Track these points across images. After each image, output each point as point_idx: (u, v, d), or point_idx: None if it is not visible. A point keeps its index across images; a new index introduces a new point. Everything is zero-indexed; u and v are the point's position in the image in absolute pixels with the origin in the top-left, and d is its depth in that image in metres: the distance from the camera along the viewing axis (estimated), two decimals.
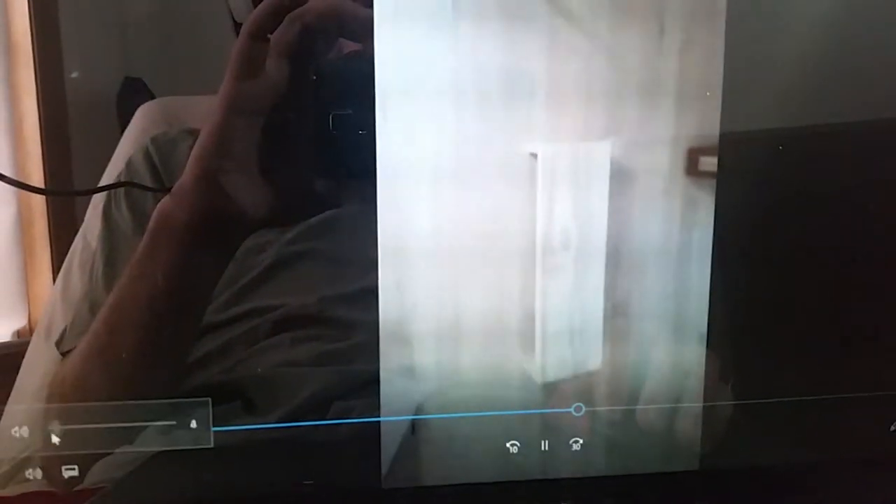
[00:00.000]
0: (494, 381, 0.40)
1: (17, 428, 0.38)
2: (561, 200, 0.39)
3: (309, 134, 0.38)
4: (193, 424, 0.39)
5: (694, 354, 0.41)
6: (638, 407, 0.41)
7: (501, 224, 0.39)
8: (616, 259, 0.40)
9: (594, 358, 0.41)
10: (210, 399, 0.39)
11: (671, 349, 0.41)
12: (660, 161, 0.39)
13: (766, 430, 0.42)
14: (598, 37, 0.38)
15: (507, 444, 0.41)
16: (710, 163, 0.40)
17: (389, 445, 0.40)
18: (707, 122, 0.39)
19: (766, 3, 0.40)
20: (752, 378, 0.42)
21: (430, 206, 0.38)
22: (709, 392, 0.42)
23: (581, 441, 0.41)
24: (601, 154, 0.39)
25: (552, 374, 0.41)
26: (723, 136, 0.39)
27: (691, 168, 0.40)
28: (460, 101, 0.37)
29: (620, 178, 0.39)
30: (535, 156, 0.38)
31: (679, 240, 0.40)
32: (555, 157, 0.39)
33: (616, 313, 0.40)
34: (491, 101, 0.38)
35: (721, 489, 0.43)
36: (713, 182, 0.40)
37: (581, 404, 0.41)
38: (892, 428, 0.43)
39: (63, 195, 0.39)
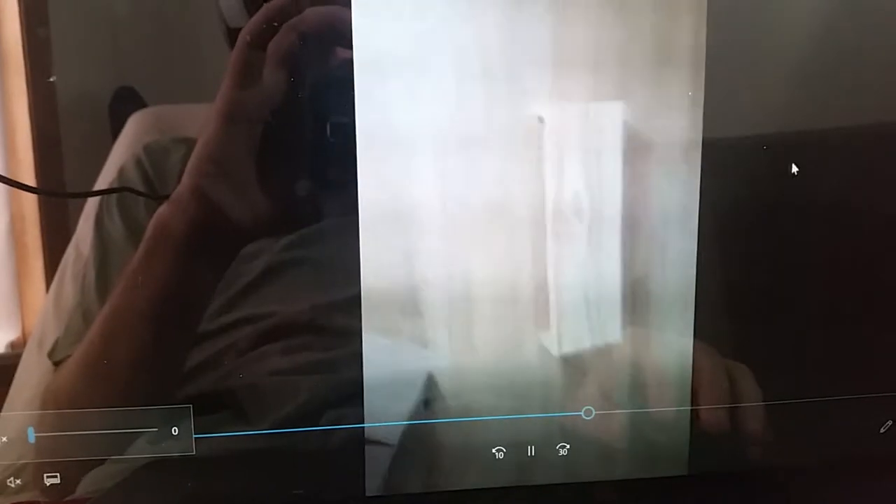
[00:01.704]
0: (509, 355, 0.40)
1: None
2: (570, 166, 0.39)
3: (306, 142, 0.38)
4: (175, 432, 0.39)
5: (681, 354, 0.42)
6: (650, 410, 0.42)
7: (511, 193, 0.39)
8: (633, 228, 0.40)
9: (612, 330, 0.41)
10: (192, 406, 0.39)
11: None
12: (675, 125, 0.39)
13: (756, 434, 0.43)
14: None
15: (493, 450, 0.41)
16: None
17: (374, 453, 0.40)
18: None
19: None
20: (742, 381, 0.43)
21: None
22: (697, 395, 0.42)
23: (568, 446, 0.42)
24: (613, 116, 0.39)
25: (568, 346, 0.41)
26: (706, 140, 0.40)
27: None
28: (463, 70, 0.38)
29: (635, 142, 0.39)
30: (542, 119, 0.38)
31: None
32: (563, 119, 0.39)
33: (636, 284, 0.41)
34: (494, 68, 0.38)
35: (710, 493, 0.43)
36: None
37: (591, 407, 0.41)
38: (883, 430, 0.43)
39: (57, 196, 0.39)
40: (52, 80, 0.37)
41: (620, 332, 0.41)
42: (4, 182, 0.38)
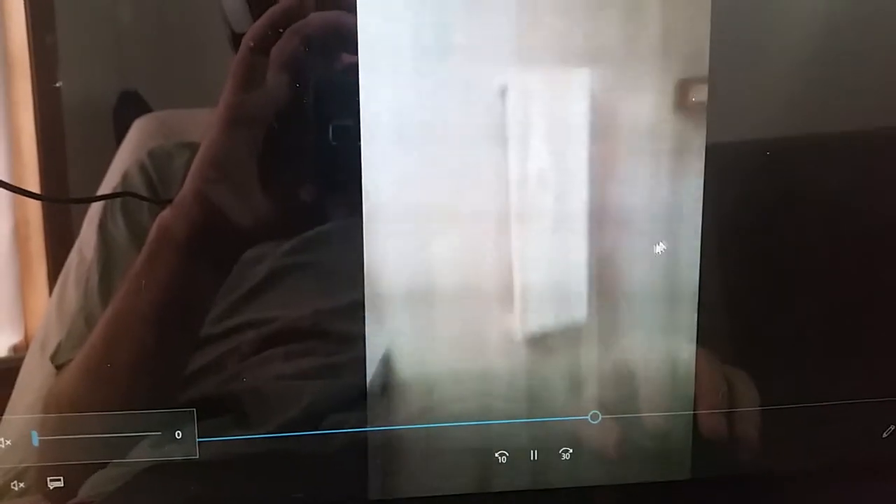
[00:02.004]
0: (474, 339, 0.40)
1: (3, 440, 0.38)
2: (535, 139, 0.39)
3: (309, 146, 0.38)
4: (179, 436, 0.39)
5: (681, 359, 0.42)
6: (654, 414, 0.41)
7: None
8: (600, 206, 0.40)
9: (579, 310, 0.40)
10: (195, 410, 0.39)
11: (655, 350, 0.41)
12: (644, 94, 0.39)
13: (758, 438, 0.43)
14: None
15: (496, 454, 0.41)
16: (702, 91, 0.39)
17: (376, 457, 0.40)
18: (696, 48, 0.39)
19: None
20: (742, 385, 0.43)
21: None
22: (698, 399, 0.42)
23: (571, 451, 0.42)
24: (578, 84, 0.38)
25: (532, 328, 0.40)
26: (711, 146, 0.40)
27: (681, 100, 0.39)
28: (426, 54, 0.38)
29: (601, 114, 0.39)
30: (504, 90, 0.38)
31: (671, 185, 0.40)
32: (526, 89, 0.38)
33: (602, 265, 0.40)
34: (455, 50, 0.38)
35: (712, 498, 0.43)
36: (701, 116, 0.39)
37: (597, 412, 0.41)
38: (885, 435, 0.43)
39: (60, 202, 0.39)
40: (57, 85, 0.38)
41: (623, 336, 0.41)
42: (7, 188, 0.38)
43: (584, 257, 0.40)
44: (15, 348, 0.41)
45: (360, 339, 0.40)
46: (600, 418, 0.41)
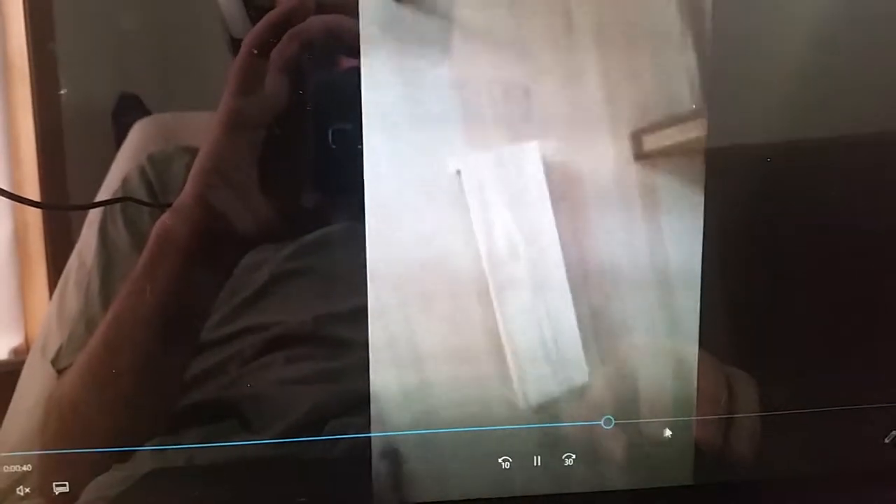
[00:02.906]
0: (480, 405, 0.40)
1: (10, 447, 0.38)
2: (498, 213, 0.39)
3: (309, 149, 0.38)
4: (180, 440, 0.39)
5: (685, 365, 0.41)
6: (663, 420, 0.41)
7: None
8: (579, 263, 0.40)
9: (579, 371, 0.40)
10: (196, 415, 0.39)
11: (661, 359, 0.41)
12: (600, 151, 0.39)
13: (760, 444, 0.43)
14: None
15: (500, 460, 0.41)
16: (654, 140, 0.39)
17: (380, 462, 0.40)
18: (643, 99, 0.39)
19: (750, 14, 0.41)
20: (745, 391, 0.43)
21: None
22: (701, 406, 0.42)
23: (574, 456, 0.41)
24: (529, 157, 0.38)
25: (534, 397, 0.40)
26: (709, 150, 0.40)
27: (638, 151, 0.39)
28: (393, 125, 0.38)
29: (560, 178, 0.39)
30: (459, 172, 0.38)
31: (648, 230, 0.40)
32: (479, 169, 0.38)
33: (595, 319, 0.40)
34: (410, 123, 0.38)
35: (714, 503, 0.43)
36: (666, 161, 0.39)
37: (611, 416, 0.41)
38: (887, 440, 0.43)
39: (60, 209, 0.39)
40: (62, 92, 0.38)
41: (627, 342, 0.41)
42: (6, 196, 0.38)
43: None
44: (15, 351, 0.41)
45: (363, 343, 0.39)
46: (613, 423, 0.41)
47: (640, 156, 0.39)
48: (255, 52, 0.37)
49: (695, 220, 0.40)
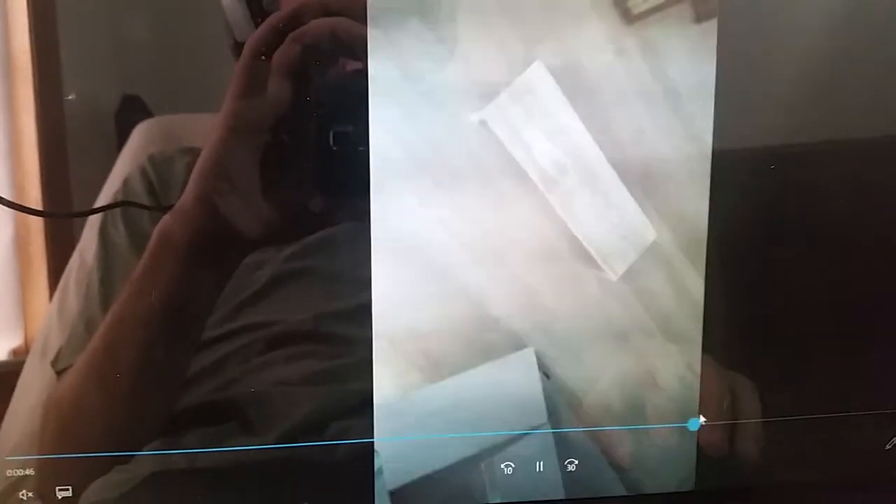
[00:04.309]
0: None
1: (11, 450, 0.38)
2: (534, 141, 0.39)
3: (310, 151, 0.38)
4: (181, 442, 0.39)
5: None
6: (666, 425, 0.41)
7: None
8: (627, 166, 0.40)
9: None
10: (197, 417, 0.39)
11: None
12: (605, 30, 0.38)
13: (763, 450, 0.43)
14: None
15: (502, 465, 0.41)
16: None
17: (382, 467, 0.40)
18: None
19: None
20: (747, 397, 0.43)
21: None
22: (705, 411, 0.42)
23: (576, 462, 0.41)
24: (538, 78, 0.39)
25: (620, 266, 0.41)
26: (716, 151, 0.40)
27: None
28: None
29: (576, 86, 0.39)
30: (484, 122, 0.38)
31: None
32: (502, 112, 0.39)
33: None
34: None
35: None
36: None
37: (698, 419, 0.41)
38: (888, 447, 0.43)
39: (59, 217, 0.39)
40: (70, 97, 0.38)
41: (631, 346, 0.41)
42: (5, 205, 0.38)
43: None
44: (15, 352, 0.41)
45: (366, 343, 0.39)
46: (699, 424, 0.42)
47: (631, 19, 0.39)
48: (258, 54, 0.37)
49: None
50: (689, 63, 0.39)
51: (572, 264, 0.40)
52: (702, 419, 0.42)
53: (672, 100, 0.39)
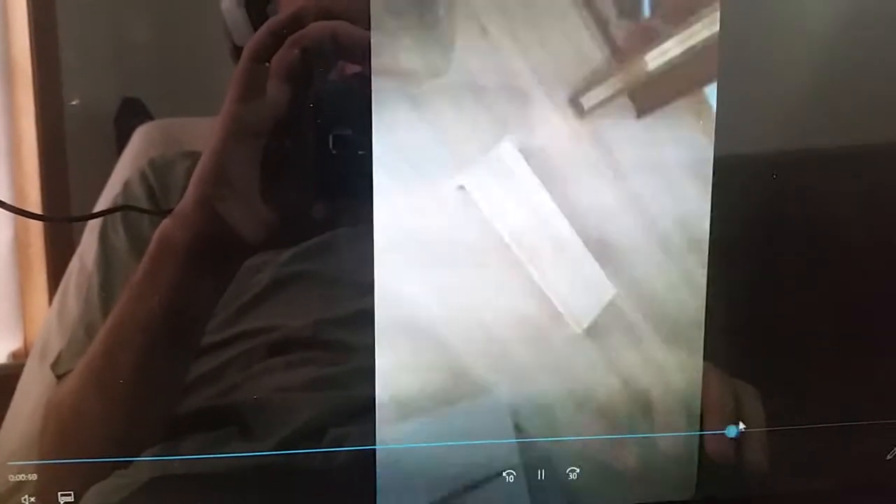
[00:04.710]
0: None
1: (11, 453, 0.38)
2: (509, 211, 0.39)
3: (310, 155, 0.38)
4: (180, 447, 0.39)
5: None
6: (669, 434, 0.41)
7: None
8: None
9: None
10: (197, 421, 0.39)
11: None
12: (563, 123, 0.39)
13: (764, 459, 0.42)
14: None
15: (504, 473, 0.41)
16: (594, 96, 0.39)
17: (385, 474, 0.40)
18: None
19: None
20: (750, 406, 0.42)
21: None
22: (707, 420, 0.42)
23: (578, 470, 0.41)
24: (509, 154, 0.39)
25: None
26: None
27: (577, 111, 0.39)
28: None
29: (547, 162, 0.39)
30: (462, 188, 0.39)
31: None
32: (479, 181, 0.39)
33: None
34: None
35: None
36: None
37: (735, 427, 0.42)
38: (889, 457, 0.43)
39: (59, 221, 0.39)
40: (74, 103, 0.38)
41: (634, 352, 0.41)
42: (5, 209, 0.38)
43: None
44: (14, 355, 0.41)
45: (367, 349, 0.39)
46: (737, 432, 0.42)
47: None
48: (257, 59, 0.37)
49: None
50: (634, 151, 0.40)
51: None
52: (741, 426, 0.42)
53: (620, 181, 0.40)
